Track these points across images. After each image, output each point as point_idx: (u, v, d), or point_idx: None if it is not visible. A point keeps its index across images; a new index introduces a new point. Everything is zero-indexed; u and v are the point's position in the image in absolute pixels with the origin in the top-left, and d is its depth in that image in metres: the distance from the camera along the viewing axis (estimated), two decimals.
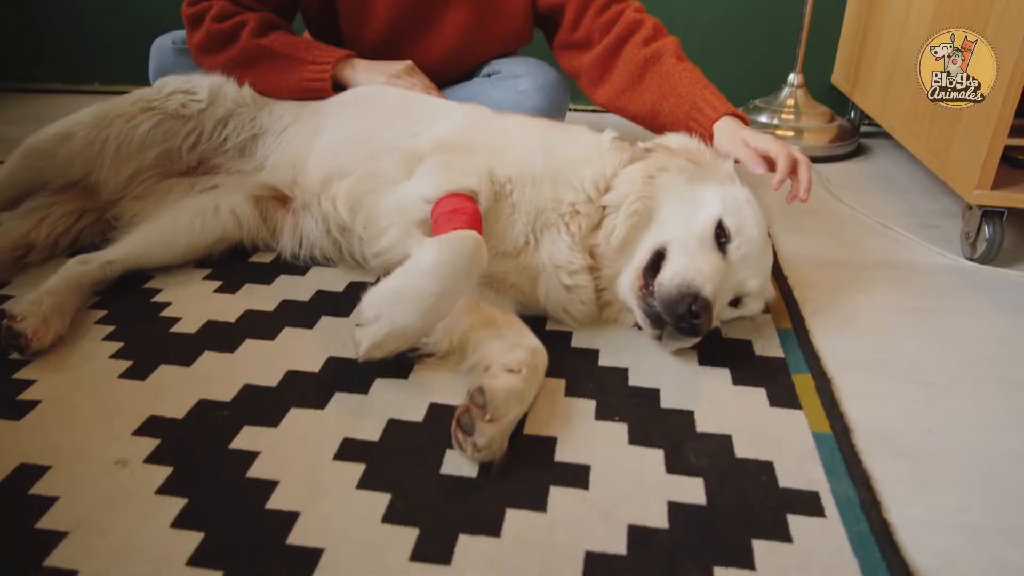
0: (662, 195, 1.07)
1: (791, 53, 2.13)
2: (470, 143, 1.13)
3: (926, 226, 1.61)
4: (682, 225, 1.04)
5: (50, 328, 1.07)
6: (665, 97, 1.37)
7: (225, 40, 1.42)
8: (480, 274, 0.96)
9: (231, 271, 1.30)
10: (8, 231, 1.30)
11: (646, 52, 1.41)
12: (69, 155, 1.28)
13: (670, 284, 0.98)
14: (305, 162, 1.29)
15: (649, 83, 1.40)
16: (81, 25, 2.59)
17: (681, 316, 0.95)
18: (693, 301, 0.95)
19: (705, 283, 0.97)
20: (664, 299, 0.97)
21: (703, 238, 1.03)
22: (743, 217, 1.05)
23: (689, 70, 1.38)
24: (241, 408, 0.94)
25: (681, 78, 1.37)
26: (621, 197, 1.06)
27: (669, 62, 1.39)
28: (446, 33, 1.56)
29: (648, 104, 1.40)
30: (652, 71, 1.40)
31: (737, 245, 1.03)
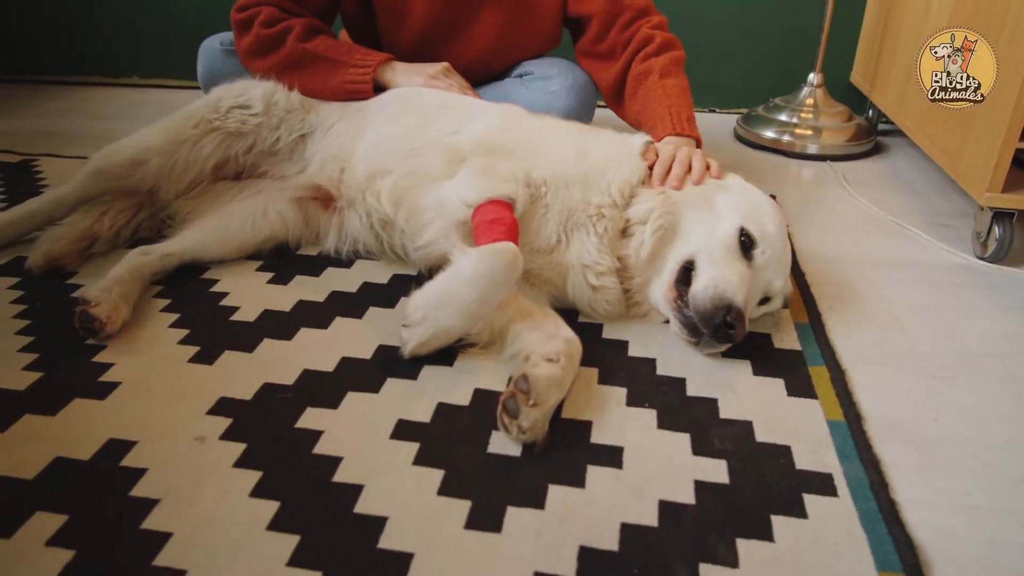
0: (682, 209, 1.15)
1: (811, 52, 2.19)
2: (508, 145, 1.21)
3: (939, 225, 1.68)
4: (706, 236, 1.12)
5: (119, 313, 1.17)
6: (645, 110, 1.48)
7: (272, 44, 1.50)
8: (517, 280, 1.05)
9: (281, 264, 1.39)
10: (74, 224, 1.40)
11: (641, 68, 1.51)
12: (142, 177, 1.39)
13: (703, 297, 1.05)
14: (351, 158, 1.37)
15: (639, 97, 1.51)
16: (120, 20, 2.68)
17: (717, 327, 1.04)
18: (727, 312, 1.03)
19: (736, 293, 1.05)
20: (699, 311, 1.06)
21: (728, 247, 1.10)
22: (762, 222, 1.12)
23: (666, 88, 1.46)
24: (303, 391, 1.03)
25: (655, 95, 1.46)
26: (646, 212, 1.14)
27: (652, 79, 1.48)
28: (480, 35, 1.63)
29: (635, 115, 1.52)
30: (642, 86, 1.50)
31: (761, 251, 1.11)
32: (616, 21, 1.56)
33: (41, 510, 0.82)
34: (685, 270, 1.11)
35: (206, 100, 1.44)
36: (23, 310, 1.23)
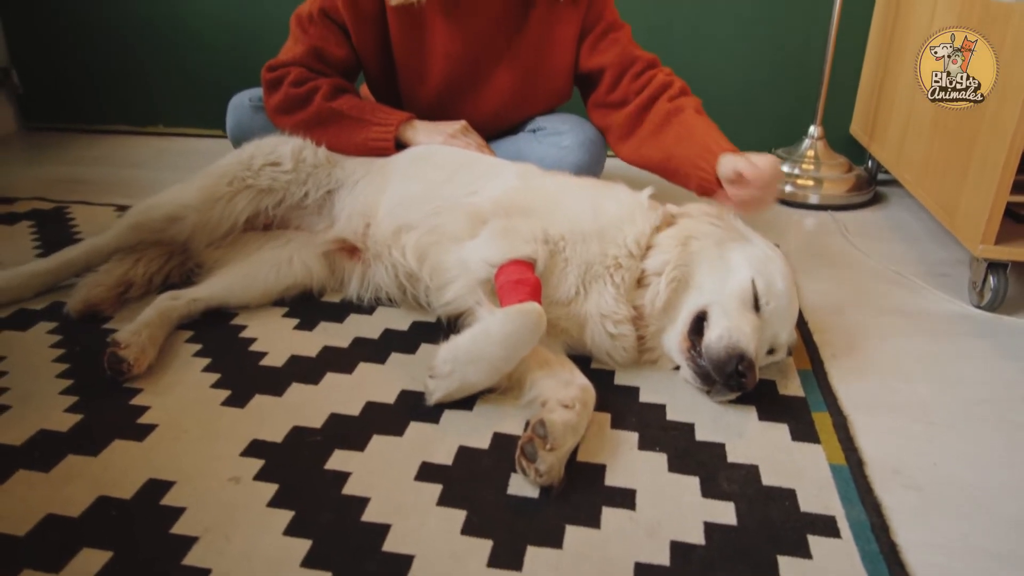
0: (696, 261, 1.21)
1: (812, 106, 2.28)
2: (526, 204, 1.29)
3: (937, 274, 1.74)
4: (718, 288, 1.18)
5: (146, 356, 1.23)
6: (681, 142, 1.53)
7: (300, 103, 1.59)
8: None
9: (306, 310, 1.45)
10: (110, 271, 1.47)
11: (669, 106, 1.58)
12: (178, 231, 1.46)
13: (717, 346, 1.11)
14: (376, 213, 1.45)
15: (669, 131, 1.56)
16: (145, 72, 2.80)
17: (730, 375, 1.09)
18: (740, 361, 1.09)
19: (748, 343, 1.11)
20: (713, 360, 1.11)
21: (740, 299, 1.16)
22: (772, 276, 1.19)
23: (706, 122, 1.54)
24: (330, 434, 1.08)
25: (698, 127, 1.53)
26: (661, 264, 1.21)
27: (689, 114, 1.55)
28: (494, 94, 1.72)
29: (665, 149, 1.56)
30: (674, 121, 1.56)
31: (767, 302, 1.17)
32: (628, 71, 1.65)
33: (87, 547, 0.87)
34: (698, 320, 1.18)
35: (239, 158, 1.52)
36: (62, 354, 1.29)
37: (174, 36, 2.73)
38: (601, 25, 1.66)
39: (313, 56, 1.61)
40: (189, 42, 2.73)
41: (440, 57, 1.65)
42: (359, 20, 1.60)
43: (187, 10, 2.68)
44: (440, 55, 1.64)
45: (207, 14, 2.68)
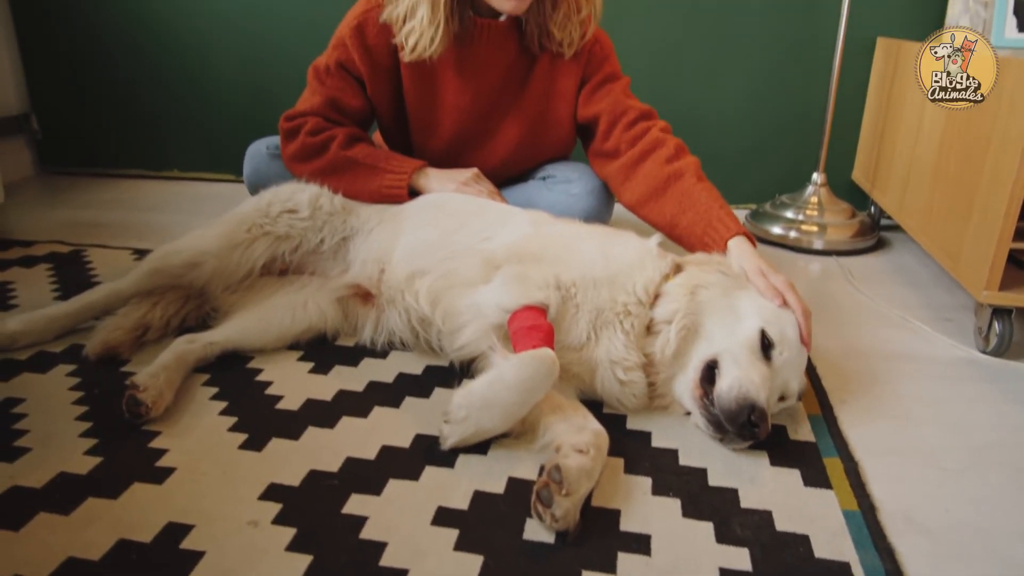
0: (705, 310, 1.23)
1: (814, 152, 2.33)
2: (538, 250, 1.32)
3: (942, 319, 1.76)
4: (728, 337, 1.20)
5: (163, 399, 1.25)
6: (684, 212, 1.51)
7: (317, 151, 1.64)
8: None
9: (321, 354, 1.47)
10: (128, 315, 1.50)
11: (668, 169, 1.55)
12: (196, 276, 1.49)
13: (728, 397, 1.13)
14: (390, 259, 1.48)
15: (670, 197, 1.54)
16: (160, 116, 2.87)
17: (742, 425, 1.11)
18: (752, 411, 1.10)
19: (759, 393, 1.12)
20: (725, 411, 1.13)
21: (750, 348, 1.18)
22: (782, 324, 1.21)
23: (707, 190, 1.52)
24: (347, 478, 1.09)
25: (700, 196, 1.50)
26: (671, 313, 1.23)
27: (690, 180, 1.53)
28: (502, 144, 1.76)
29: (668, 216, 1.54)
30: (674, 187, 1.54)
31: (780, 352, 1.19)
32: (620, 120, 1.66)
33: None
34: (709, 368, 1.19)
35: (256, 205, 1.55)
36: (81, 396, 1.31)
37: (189, 85, 2.81)
38: (599, 76, 1.71)
39: (330, 107, 1.67)
40: (203, 91, 2.81)
41: (451, 109, 1.70)
42: (375, 73, 1.65)
43: (202, 62, 2.77)
44: (450, 107, 1.69)
45: (221, 66, 2.77)
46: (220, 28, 2.72)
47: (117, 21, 2.77)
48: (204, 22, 2.73)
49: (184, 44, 2.76)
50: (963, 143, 1.67)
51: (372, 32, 1.61)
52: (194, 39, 2.75)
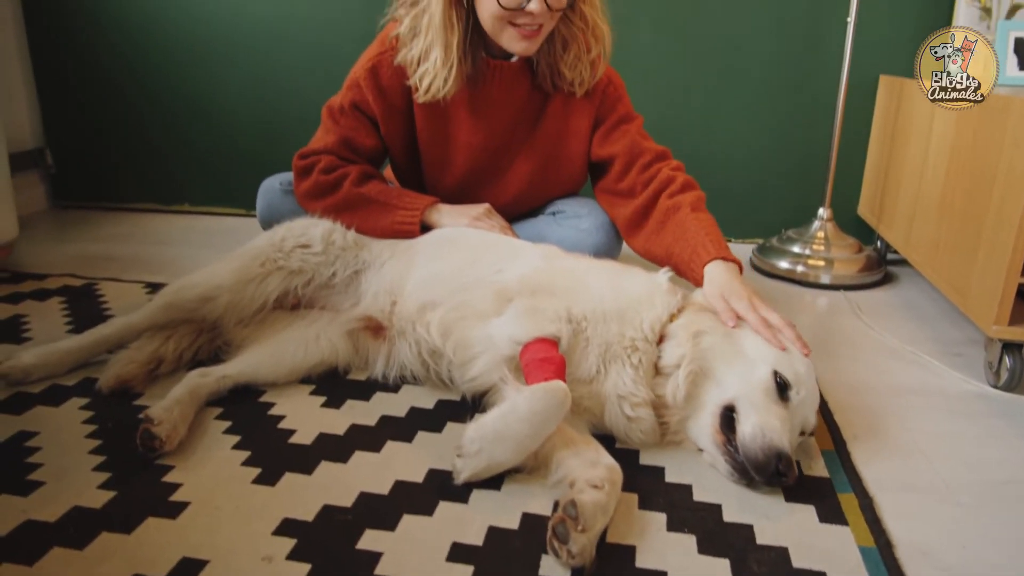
0: (710, 355, 1.23)
1: (820, 187, 2.35)
2: (550, 284, 1.33)
3: (951, 353, 1.76)
4: (742, 381, 1.20)
5: (177, 433, 1.25)
6: (677, 242, 1.54)
7: (330, 188, 1.66)
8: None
9: (333, 388, 1.48)
10: (142, 348, 1.51)
11: (668, 204, 1.59)
12: (210, 311, 1.50)
13: (753, 446, 1.12)
14: (402, 292, 1.49)
15: (668, 230, 1.58)
16: (172, 152, 2.92)
17: (771, 475, 1.11)
18: (778, 460, 1.10)
19: (782, 439, 1.12)
20: (752, 461, 1.12)
21: (765, 392, 1.18)
22: (793, 363, 1.21)
23: (698, 220, 1.54)
24: (361, 513, 1.09)
25: (690, 226, 1.53)
26: (677, 358, 1.23)
27: (684, 212, 1.56)
28: (513, 181, 1.79)
29: (665, 247, 1.58)
30: (672, 220, 1.57)
31: (796, 391, 1.19)
32: (636, 162, 1.69)
33: None
34: (727, 414, 1.19)
35: (270, 240, 1.57)
36: (94, 430, 1.31)
37: (200, 123, 2.86)
38: (613, 117, 1.73)
39: (343, 145, 1.69)
40: (213, 129, 2.86)
41: (463, 148, 1.73)
42: (388, 113, 1.69)
43: (213, 101, 2.83)
44: (463, 146, 1.72)
45: (231, 105, 2.83)
46: (231, 69, 2.78)
47: (130, 61, 2.83)
48: (216, 63, 2.79)
49: (196, 84, 2.82)
50: (968, 179, 1.69)
51: (386, 74, 1.64)
52: (205, 79, 2.81)
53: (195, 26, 2.75)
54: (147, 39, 2.80)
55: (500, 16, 1.50)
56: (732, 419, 1.19)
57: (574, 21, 1.60)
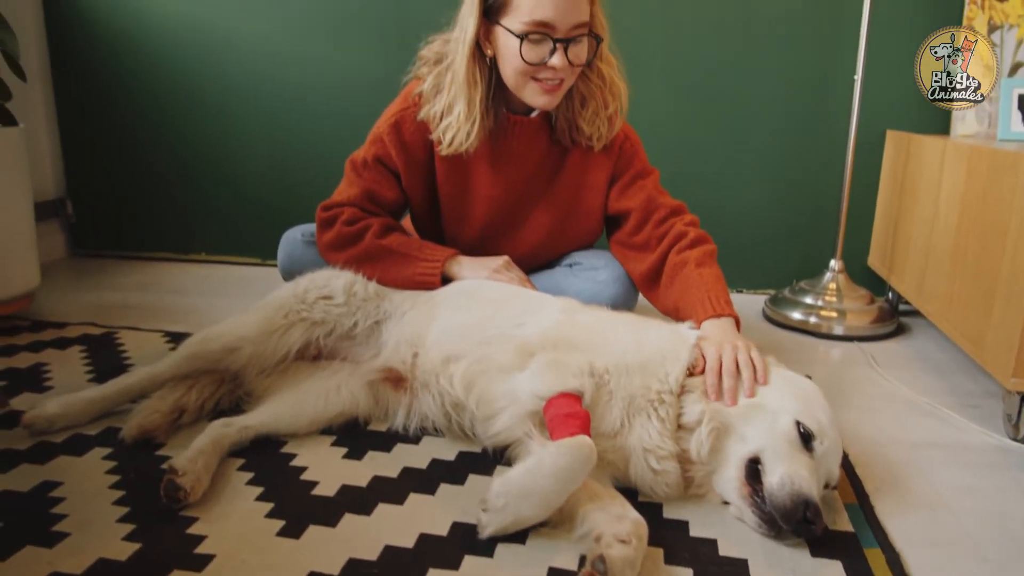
0: (730, 411, 1.24)
1: (831, 238, 2.39)
2: (572, 337, 1.35)
3: (969, 405, 1.76)
4: (766, 433, 1.20)
5: (201, 484, 1.25)
6: (682, 297, 1.58)
7: (352, 240, 1.70)
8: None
9: (354, 439, 1.48)
10: (165, 398, 1.52)
11: (677, 259, 1.64)
12: (233, 361, 1.52)
13: (781, 494, 1.13)
14: (423, 343, 1.51)
15: (676, 286, 1.62)
16: (189, 203, 2.98)
17: (798, 523, 1.10)
18: (806, 508, 1.10)
19: (811, 488, 1.13)
20: (779, 509, 1.12)
21: (789, 442, 1.19)
22: (815, 413, 1.22)
23: (702, 276, 1.57)
24: (386, 567, 1.09)
25: (693, 282, 1.57)
26: (698, 414, 1.24)
27: (689, 268, 1.60)
28: (532, 232, 1.82)
29: (672, 302, 1.62)
30: (679, 276, 1.62)
31: (819, 442, 1.19)
32: (652, 217, 1.73)
33: None
34: (752, 466, 1.20)
35: (293, 291, 1.60)
36: (118, 480, 1.32)
37: (216, 176, 2.93)
38: (631, 172, 1.77)
39: (366, 198, 1.73)
40: (229, 182, 2.93)
41: (483, 200, 1.76)
42: (410, 167, 1.73)
43: (228, 155, 2.90)
44: (483, 198, 1.76)
45: (246, 159, 2.90)
46: (246, 123, 2.86)
47: (149, 115, 2.91)
48: (231, 119, 2.86)
49: (212, 138, 2.89)
50: (980, 232, 1.71)
51: (409, 129, 1.69)
52: (221, 133, 2.88)
53: (213, 83, 2.84)
54: (166, 96, 2.88)
55: (523, 71, 1.55)
56: (757, 471, 1.19)
57: (592, 78, 1.65)
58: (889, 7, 2.23)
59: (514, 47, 1.53)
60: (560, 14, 1.50)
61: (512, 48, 1.53)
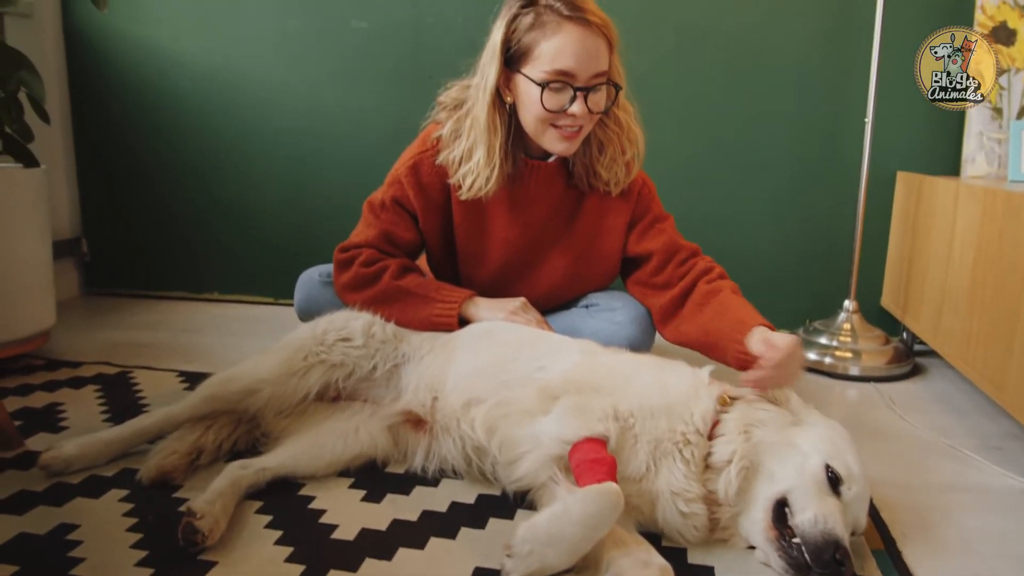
0: (761, 450, 1.23)
1: (844, 278, 2.39)
2: (595, 380, 1.34)
3: (990, 448, 1.74)
4: (795, 474, 1.19)
5: (219, 527, 1.24)
6: (717, 317, 1.60)
7: (370, 281, 1.71)
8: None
9: (372, 481, 1.47)
10: (183, 439, 1.51)
11: (708, 288, 1.67)
12: (252, 403, 1.51)
13: (813, 531, 1.11)
14: (443, 386, 1.50)
15: (707, 310, 1.63)
16: (203, 242, 3.00)
17: (827, 563, 1.09)
18: (836, 548, 1.09)
19: (841, 529, 1.11)
20: (810, 545, 1.11)
21: (818, 484, 1.17)
22: (846, 458, 1.21)
23: (741, 300, 1.62)
24: None
25: (733, 303, 1.61)
26: (729, 454, 1.23)
27: (726, 294, 1.64)
28: (548, 275, 1.83)
29: (702, 325, 1.63)
30: (712, 301, 1.64)
31: (848, 487, 1.18)
32: (674, 258, 1.75)
33: None
34: (779, 508, 1.18)
35: (312, 333, 1.60)
36: (135, 523, 1.30)
37: (228, 217, 2.96)
38: (649, 216, 1.80)
39: (383, 239, 1.75)
40: (241, 223, 2.96)
41: (499, 242, 1.78)
42: (427, 209, 1.75)
43: (241, 198, 2.94)
44: (500, 241, 1.78)
45: (259, 202, 2.93)
46: (260, 166, 2.90)
47: (165, 157, 2.95)
48: (245, 162, 2.90)
49: (226, 180, 2.93)
50: (997, 273, 1.71)
51: (427, 171, 1.72)
52: (235, 176, 2.92)
53: (227, 125, 2.88)
54: (181, 137, 2.92)
55: (543, 118, 1.57)
56: (784, 513, 1.17)
57: (610, 125, 1.68)
58: (898, 52, 2.26)
59: (535, 95, 1.55)
60: (580, 64, 1.53)
61: (533, 96, 1.56)
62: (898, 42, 2.27)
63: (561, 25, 1.53)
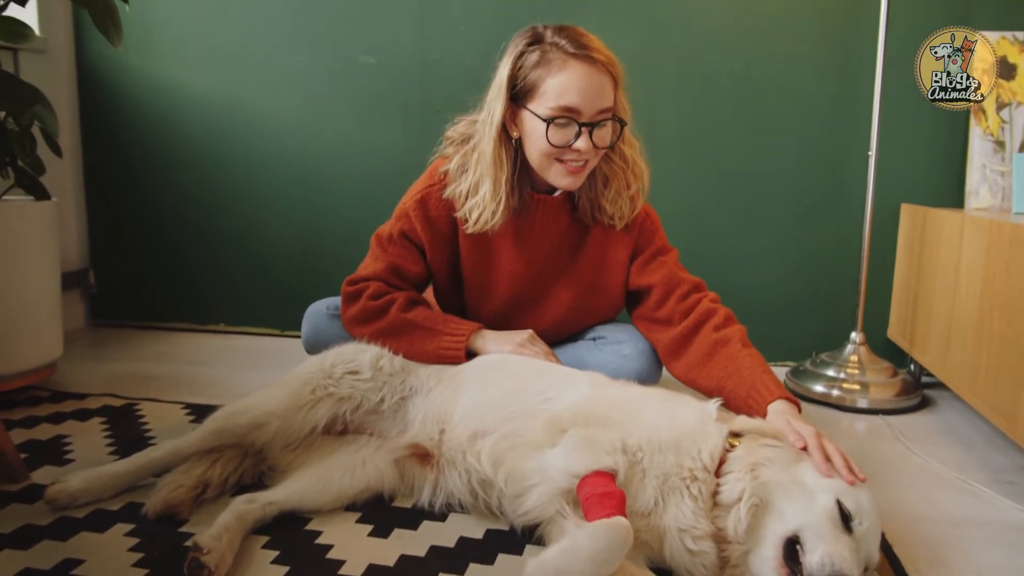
0: (771, 486, 1.21)
1: (849, 310, 2.40)
2: (603, 413, 1.33)
3: (1003, 481, 1.73)
4: (805, 511, 1.17)
5: (225, 562, 1.23)
6: (730, 376, 1.55)
7: (377, 314, 1.71)
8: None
9: (379, 515, 1.46)
10: (189, 472, 1.50)
11: (716, 336, 1.62)
12: (259, 436, 1.51)
13: (821, 573, 1.09)
14: (450, 419, 1.50)
15: (717, 363, 1.59)
16: (209, 274, 3.02)
17: None
18: None
19: (852, 569, 1.09)
20: None
21: (831, 521, 1.16)
22: (856, 493, 1.19)
23: (752, 356, 1.57)
24: None
25: (744, 362, 1.55)
26: (738, 492, 1.21)
27: (735, 347, 1.59)
28: (554, 308, 1.83)
29: (716, 381, 1.58)
30: (720, 353, 1.59)
31: (859, 522, 1.17)
32: (674, 292, 1.73)
33: None
34: (790, 545, 1.17)
35: (320, 366, 1.60)
36: (140, 558, 1.29)
37: (235, 251, 2.99)
38: (651, 249, 1.80)
39: (391, 272, 1.76)
40: (248, 256, 2.98)
41: (506, 276, 1.79)
42: (434, 242, 1.76)
43: (247, 232, 2.96)
44: (506, 274, 1.78)
45: (265, 237, 2.95)
46: (266, 200, 2.93)
47: (173, 190, 2.99)
48: (251, 196, 2.93)
49: (232, 213, 2.95)
50: (1005, 304, 1.71)
51: (434, 205, 1.73)
52: (241, 209, 2.95)
53: (235, 159, 2.91)
54: (190, 171, 2.96)
55: (549, 153, 1.59)
56: (795, 551, 1.16)
57: (615, 160, 1.69)
58: (900, 85, 2.29)
59: (540, 130, 1.57)
60: (586, 100, 1.55)
61: (538, 131, 1.58)
62: (900, 76, 2.29)
63: (567, 62, 1.55)
